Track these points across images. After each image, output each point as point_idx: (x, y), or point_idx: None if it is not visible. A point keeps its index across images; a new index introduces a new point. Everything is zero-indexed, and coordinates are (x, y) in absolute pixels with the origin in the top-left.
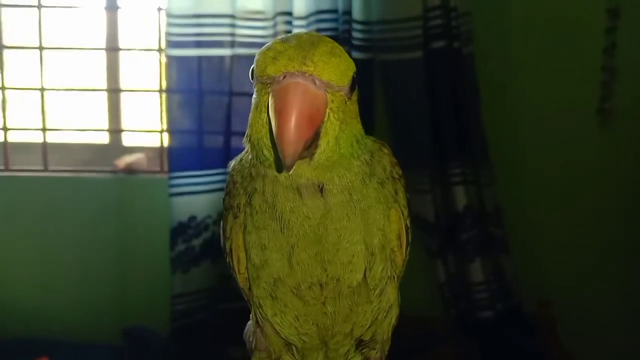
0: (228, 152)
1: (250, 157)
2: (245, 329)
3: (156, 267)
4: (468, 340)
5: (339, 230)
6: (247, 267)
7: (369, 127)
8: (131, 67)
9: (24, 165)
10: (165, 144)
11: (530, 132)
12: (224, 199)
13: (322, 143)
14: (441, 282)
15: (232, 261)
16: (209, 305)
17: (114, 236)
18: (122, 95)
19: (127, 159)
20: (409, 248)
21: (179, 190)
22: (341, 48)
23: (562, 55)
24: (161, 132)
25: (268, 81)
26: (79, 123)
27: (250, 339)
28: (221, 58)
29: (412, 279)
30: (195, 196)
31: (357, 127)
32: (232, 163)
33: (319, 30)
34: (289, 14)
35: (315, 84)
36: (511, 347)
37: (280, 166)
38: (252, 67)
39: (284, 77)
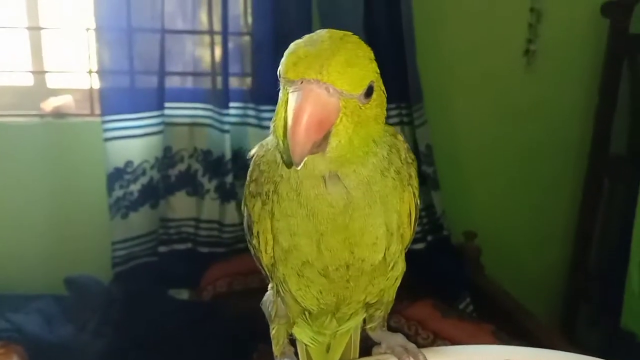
0: (162, 93)
1: (275, 143)
2: (264, 299)
3: (94, 214)
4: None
5: (362, 217)
6: (273, 248)
7: None
8: (54, 3)
9: None
10: (95, 85)
11: (460, 73)
12: (248, 185)
13: (333, 142)
14: None
15: (259, 243)
16: (150, 249)
17: (48, 184)
18: (45, 34)
19: (54, 102)
20: (416, 223)
21: (114, 135)
22: (363, 53)
23: None
24: (90, 72)
25: (289, 84)
26: (0, 64)
27: (270, 308)
28: None
29: None
30: (130, 140)
31: (376, 128)
32: (254, 150)
33: None
34: None
35: (329, 91)
36: (439, 276)
37: (288, 160)
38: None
39: (301, 83)
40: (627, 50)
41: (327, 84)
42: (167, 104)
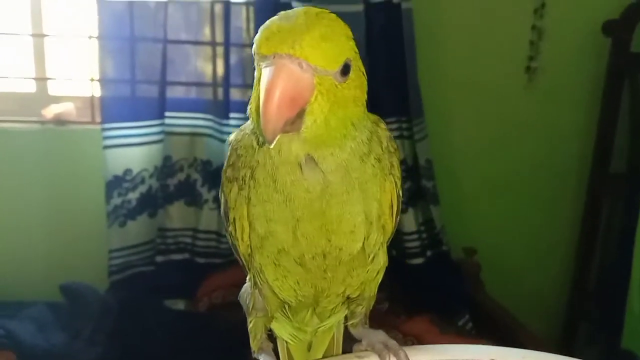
0: (163, 103)
1: (252, 127)
2: (242, 291)
3: (92, 222)
4: (399, 286)
5: (340, 204)
6: (249, 235)
7: None
8: (58, 11)
9: None
10: (96, 93)
11: (461, 89)
12: (225, 170)
13: (308, 120)
14: None
15: (235, 230)
16: (147, 259)
17: (46, 190)
18: (48, 41)
19: (56, 109)
20: (398, 216)
21: (113, 143)
22: (340, 30)
23: (495, 14)
24: (92, 80)
25: (262, 59)
26: (3, 70)
27: (247, 301)
28: (155, 3)
29: None
30: (130, 148)
31: (355, 110)
32: (233, 136)
33: None
34: None
35: (302, 67)
36: (438, 291)
37: (263, 139)
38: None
39: (273, 57)
40: (628, 68)
41: (300, 59)
42: (167, 114)
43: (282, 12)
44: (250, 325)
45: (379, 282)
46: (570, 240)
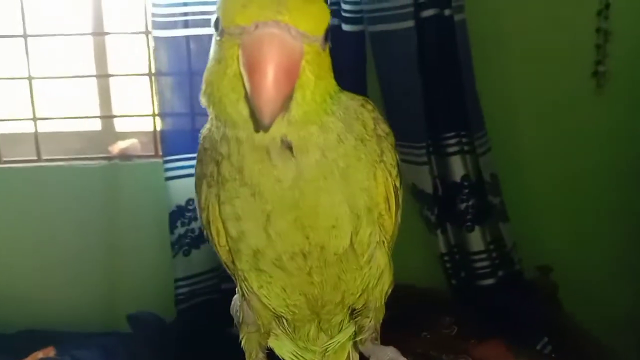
0: None
1: (212, 116)
2: (232, 304)
3: (157, 252)
4: (469, 309)
5: (316, 192)
6: (227, 239)
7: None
8: (119, 52)
9: (16, 156)
10: (158, 127)
11: (524, 98)
12: (195, 167)
13: (298, 96)
14: (441, 253)
15: (211, 234)
16: (213, 287)
17: (112, 223)
18: (112, 80)
19: (121, 145)
20: (400, 211)
21: (175, 174)
22: None
23: (556, 19)
24: (153, 116)
25: (237, 31)
26: (70, 111)
27: (238, 314)
28: (210, 37)
29: (412, 250)
30: (191, 179)
31: (331, 81)
32: (204, 130)
33: None
34: None
35: (291, 34)
36: (512, 314)
37: (256, 124)
38: (216, 17)
39: (255, 27)
40: None
41: (288, 24)
42: None
43: None
44: (242, 342)
45: (386, 290)
46: None
